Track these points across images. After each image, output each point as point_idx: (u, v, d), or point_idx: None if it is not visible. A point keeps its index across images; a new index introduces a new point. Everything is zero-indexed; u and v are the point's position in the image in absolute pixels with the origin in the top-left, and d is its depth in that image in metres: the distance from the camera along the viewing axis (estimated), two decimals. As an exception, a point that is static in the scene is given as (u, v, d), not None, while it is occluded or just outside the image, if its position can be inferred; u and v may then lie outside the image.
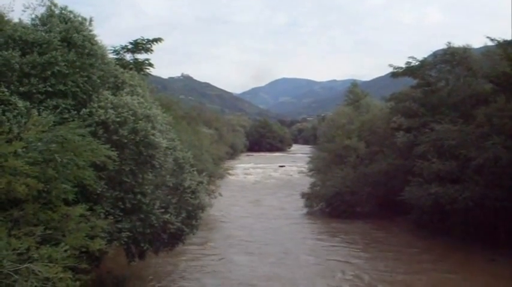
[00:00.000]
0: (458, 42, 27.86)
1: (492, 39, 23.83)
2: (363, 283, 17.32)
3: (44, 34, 13.31)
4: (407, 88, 30.08)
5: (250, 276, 18.10)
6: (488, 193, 19.81)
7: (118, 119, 13.03)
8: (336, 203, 30.35)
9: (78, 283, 7.07)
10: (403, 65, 28.28)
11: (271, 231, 26.32)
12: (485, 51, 26.39)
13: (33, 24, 14.24)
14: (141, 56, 21.99)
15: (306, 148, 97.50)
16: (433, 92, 27.13)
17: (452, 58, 26.85)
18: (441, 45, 28.61)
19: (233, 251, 21.87)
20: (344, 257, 20.88)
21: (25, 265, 6.69)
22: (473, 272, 18.32)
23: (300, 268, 19.22)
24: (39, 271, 6.66)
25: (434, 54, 29.36)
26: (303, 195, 33.13)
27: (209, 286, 17.00)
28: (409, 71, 28.08)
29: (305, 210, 32.28)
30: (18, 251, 6.91)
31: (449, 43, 27.35)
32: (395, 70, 28.69)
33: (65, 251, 7.51)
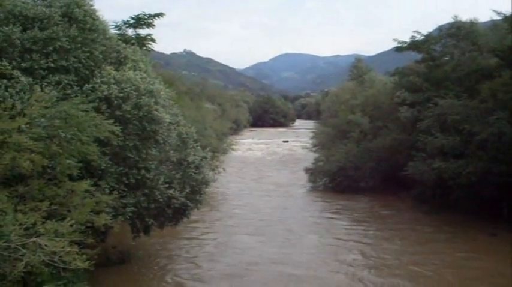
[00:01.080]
0: (464, 16, 27.51)
1: (499, 13, 23.55)
2: (372, 262, 17.08)
3: (44, 9, 13.20)
4: (411, 63, 29.82)
5: (255, 258, 17.44)
6: (492, 168, 19.80)
7: (121, 95, 13.02)
8: (339, 178, 30.48)
9: (84, 256, 7.14)
10: (407, 39, 28.03)
11: (274, 209, 26.04)
12: (492, 25, 26.05)
13: (33, -1, 14.10)
14: (143, 32, 21.87)
15: (310, 124, 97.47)
16: (438, 66, 26.87)
17: (458, 32, 26.52)
18: (447, 19, 28.29)
19: (237, 231, 21.32)
20: (350, 236, 20.57)
21: (32, 239, 6.78)
22: (476, 247, 18.48)
23: (307, 249, 18.72)
24: (45, 245, 6.74)
25: (440, 29, 28.98)
26: (307, 170, 33.28)
27: (213, 268, 16.45)
28: (414, 45, 27.78)
29: (308, 185, 32.41)
30: (25, 226, 6.98)
31: (456, 17, 27.02)
32: (399, 45, 28.37)
33: (71, 225, 7.58)
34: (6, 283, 6.67)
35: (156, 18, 21.29)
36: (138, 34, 21.76)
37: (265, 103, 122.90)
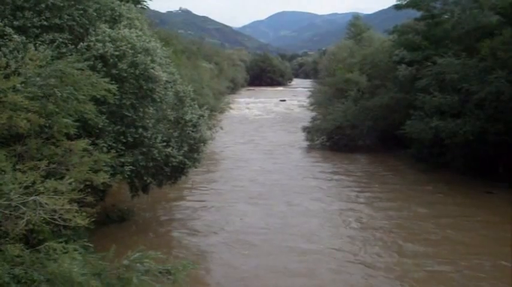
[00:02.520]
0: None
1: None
2: (376, 226, 16.37)
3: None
4: (410, 21, 29.44)
5: (257, 226, 16.51)
6: (489, 127, 19.87)
7: (117, 53, 12.85)
8: (336, 137, 30.59)
9: (84, 215, 7.21)
10: (407, -4, 27.52)
11: (274, 171, 25.02)
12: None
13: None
14: (137, -12, 21.40)
15: (307, 82, 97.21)
16: (437, 24, 26.54)
17: (459, -12, 26.06)
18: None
19: (236, 195, 20.27)
20: (351, 200, 19.68)
21: (32, 198, 6.81)
22: (473, 204, 18.76)
23: (311, 217, 17.49)
24: (46, 203, 6.78)
25: (441, -15, 28.46)
26: (304, 129, 33.34)
27: (213, 234, 15.75)
28: (414, 2, 27.31)
29: (306, 144, 32.50)
30: (25, 185, 7.01)
31: (457, -28, 26.43)
32: (399, 2, 27.92)
33: (70, 184, 7.62)
34: (9, 241, 6.75)
35: (151, -26, 20.81)
36: (133, -9, 21.27)
37: (263, 62, 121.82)
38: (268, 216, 17.73)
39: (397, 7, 28.14)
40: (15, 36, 11.17)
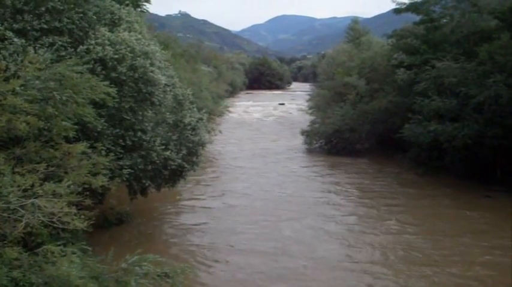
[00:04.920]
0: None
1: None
2: (395, 254, 14.51)
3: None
4: (409, 25, 29.50)
5: (262, 249, 14.97)
6: (487, 131, 19.89)
7: (116, 56, 12.89)
8: (335, 141, 30.63)
9: (82, 217, 7.22)
10: (406, 0, 27.59)
11: (272, 183, 23.44)
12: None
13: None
14: (137, -9, 21.43)
15: (306, 86, 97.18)
16: (436, 28, 26.60)
17: (458, -7, 26.12)
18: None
19: (233, 215, 18.49)
20: (358, 217, 18.39)
21: (30, 200, 6.82)
22: (472, 208, 18.74)
23: (321, 243, 15.56)
24: (44, 206, 6.79)
25: (440, -11, 28.50)
26: (303, 132, 33.35)
27: (213, 244, 15.06)
28: (413, 6, 27.37)
29: (306, 149, 32.49)
30: (23, 188, 7.01)
31: (456, -24, 26.50)
32: (398, 6, 27.96)
33: (68, 187, 7.62)
34: (8, 244, 6.75)
35: (150, -23, 20.85)
36: (132, -6, 21.28)
37: (262, 65, 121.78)
38: (273, 243, 15.48)
39: (396, 11, 28.16)
40: (15, 39, 11.18)
